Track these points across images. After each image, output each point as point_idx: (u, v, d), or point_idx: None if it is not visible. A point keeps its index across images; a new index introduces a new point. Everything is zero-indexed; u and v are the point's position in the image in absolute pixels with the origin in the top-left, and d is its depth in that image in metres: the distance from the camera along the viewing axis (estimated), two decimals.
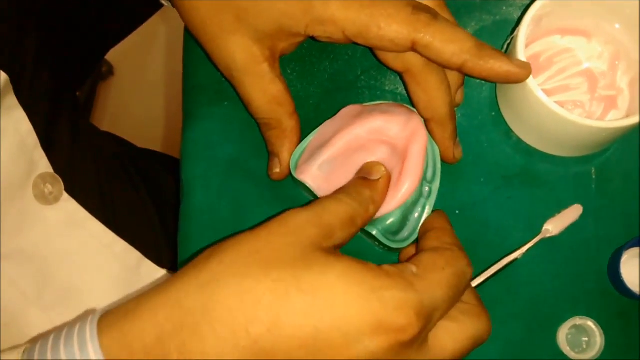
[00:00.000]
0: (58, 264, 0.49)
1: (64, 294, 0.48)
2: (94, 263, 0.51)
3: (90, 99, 1.41)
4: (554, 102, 0.40)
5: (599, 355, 0.43)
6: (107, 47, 0.71)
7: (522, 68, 0.39)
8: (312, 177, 0.42)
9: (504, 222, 0.45)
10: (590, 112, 0.45)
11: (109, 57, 1.40)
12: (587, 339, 0.44)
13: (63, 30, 0.56)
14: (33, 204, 0.48)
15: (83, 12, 0.59)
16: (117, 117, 1.46)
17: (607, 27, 0.44)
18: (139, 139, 0.76)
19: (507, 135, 0.47)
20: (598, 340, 0.43)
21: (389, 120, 0.42)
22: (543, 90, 0.40)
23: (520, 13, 0.48)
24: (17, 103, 0.47)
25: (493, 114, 0.47)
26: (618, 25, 0.44)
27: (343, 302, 0.30)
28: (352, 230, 0.36)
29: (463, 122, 0.47)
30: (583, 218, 0.44)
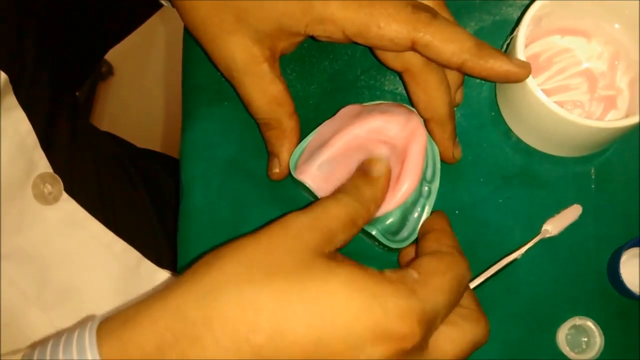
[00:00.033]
0: (58, 264, 0.49)
1: (64, 294, 0.48)
2: (94, 263, 0.51)
3: (90, 99, 1.41)
4: (554, 102, 0.40)
5: (599, 356, 0.43)
6: (106, 47, 0.71)
7: (521, 67, 0.39)
8: (311, 177, 0.42)
9: (504, 222, 0.45)
10: (590, 112, 0.45)
11: (109, 57, 1.40)
12: (586, 339, 0.44)
13: (63, 30, 0.56)
14: (32, 204, 0.48)
15: (83, 12, 0.59)
16: (116, 117, 1.47)
17: (606, 27, 0.44)
18: (139, 139, 0.76)
19: (506, 135, 0.47)
20: (597, 341, 0.43)
21: (389, 120, 0.42)
22: (542, 90, 0.40)
23: (520, 13, 0.48)
24: (16, 103, 0.47)
25: (492, 114, 0.47)
26: (618, 26, 0.44)
27: (345, 309, 0.30)
28: (353, 231, 0.35)
29: (462, 122, 0.47)
30: (583, 218, 0.44)
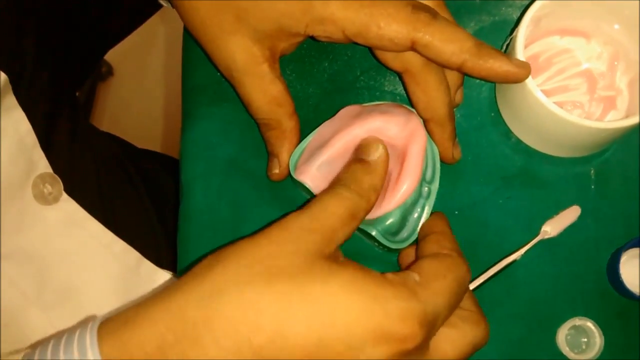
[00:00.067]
0: (57, 264, 0.49)
1: (64, 294, 0.48)
2: (94, 263, 0.51)
3: (90, 99, 1.41)
4: (553, 102, 0.40)
5: (599, 356, 0.43)
6: (106, 47, 0.71)
7: (521, 68, 0.39)
8: (311, 177, 0.42)
9: (503, 222, 0.45)
10: (590, 112, 0.45)
11: (109, 57, 1.40)
12: (586, 340, 0.44)
13: (63, 31, 0.56)
14: (32, 204, 0.48)
15: (82, 12, 0.59)
16: (116, 117, 1.47)
17: (606, 27, 0.44)
18: (139, 139, 0.76)
19: (506, 136, 0.47)
20: (597, 341, 0.43)
21: (388, 121, 0.42)
22: (542, 91, 0.40)
23: (520, 13, 0.48)
24: (16, 103, 0.47)
25: (492, 115, 0.47)
26: (617, 26, 0.44)
27: (346, 311, 0.30)
28: (354, 225, 0.35)
29: (462, 122, 0.47)
30: (582, 219, 0.44)
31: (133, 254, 0.53)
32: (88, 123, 0.65)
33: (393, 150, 0.42)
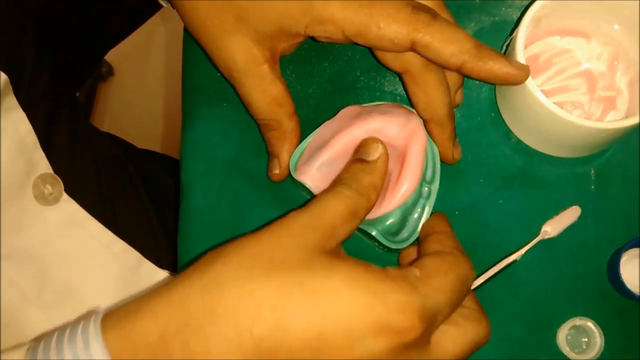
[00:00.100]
0: (58, 264, 0.49)
1: (64, 294, 0.48)
2: (94, 263, 0.51)
3: (90, 100, 1.41)
4: (553, 102, 0.40)
5: (599, 356, 0.43)
6: (106, 47, 0.71)
7: (520, 70, 0.39)
8: (311, 178, 0.42)
9: (503, 222, 0.45)
10: (590, 112, 0.45)
11: (109, 57, 1.40)
12: (586, 340, 0.44)
13: (63, 31, 0.56)
14: (33, 205, 0.48)
15: (83, 12, 0.59)
16: (116, 117, 1.47)
17: (606, 27, 0.44)
18: (139, 140, 0.76)
19: (506, 136, 0.47)
20: (598, 341, 0.43)
21: (388, 121, 0.42)
22: (542, 91, 0.40)
23: (520, 14, 0.48)
24: (16, 104, 0.47)
25: (492, 115, 0.47)
26: (617, 26, 0.44)
27: (346, 304, 0.30)
28: (355, 223, 0.35)
29: (462, 122, 0.47)
30: (583, 219, 0.44)
31: (133, 254, 0.53)
32: (88, 123, 0.65)
33: (393, 151, 0.42)
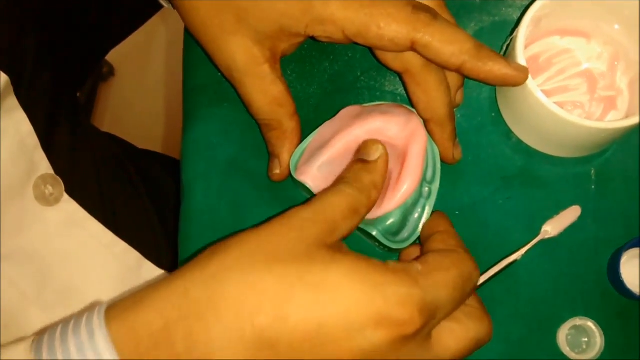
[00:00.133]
0: (58, 264, 0.49)
1: (64, 294, 0.48)
2: (94, 263, 0.51)
3: (91, 100, 1.41)
4: (554, 102, 0.40)
5: (599, 356, 0.43)
6: (107, 47, 0.71)
7: (519, 71, 0.39)
8: (311, 178, 0.42)
9: (504, 222, 0.45)
10: (590, 112, 0.45)
11: (110, 57, 1.40)
12: (587, 340, 0.44)
13: (63, 31, 0.56)
14: (33, 205, 0.48)
15: (83, 12, 0.59)
16: (117, 117, 1.47)
17: (606, 27, 0.44)
18: (139, 140, 0.76)
19: (506, 136, 0.47)
20: (598, 341, 0.43)
21: (388, 121, 0.42)
22: (542, 91, 0.40)
23: (520, 14, 0.48)
24: (17, 104, 0.47)
25: (493, 115, 0.47)
26: (617, 26, 0.44)
27: (346, 296, 0.31)
28: (356, 220, 0.36)
29: (463, 122, 0.47)
30: (583, 219, 0.44)
31: (133, 255, 0.53)
32: (89, 123, 0.65)
33: (393, 151, 0.42)
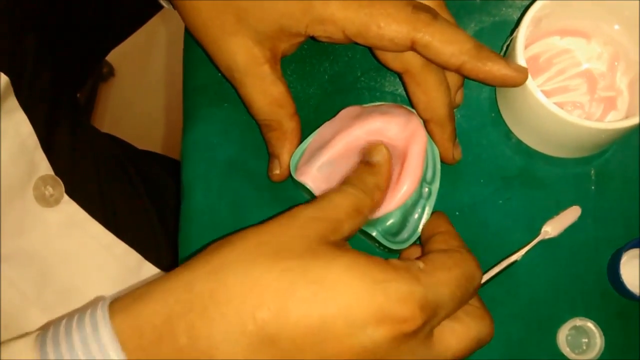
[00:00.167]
0: (58, 265, 0.49)
1: (64, 295, 0.48)
2: (94, 264, 0.51)
3: (91, 100, 1.41)
4: (553, 103, 0.40)
5: (599, 356, 0.43)
6: (107, 48, 0.71)
7: (518, 72, 0.39)
8: (312, 178, 0.42)
9: (504, 223, 0.45)
10: (590, 113, 0.45)
11: (110, 58, 1.40)
12: (587, 340, 0.44)
13: (63, 31, 0.56)
14: (33, 206, 0.48)
15: (83, 12, 0.59)
16: (117, 118, 1.47)
17: (606, 28, 0.44)
18: (140, 141, 0.76)
19: (506, 137, 0.47)
20: (598, 342, 0.43)
21: (388, 121, 0.42)
22: (542, 92, 0.40)
23: (520, 14, 0.48)
24: (17, 105, 0.47)
25: (493, 115, 0.47)
26: (617, 26, 0.44)
27: (348, 292, 0.31)
28: (359, 221, 0.36)
29: (463, 123, 0.47)
30: (583, 219, 0.44)
31: (133, 255, 0.53)
32: (89, 124, 0.65)
33: (393, 151, 0.42)
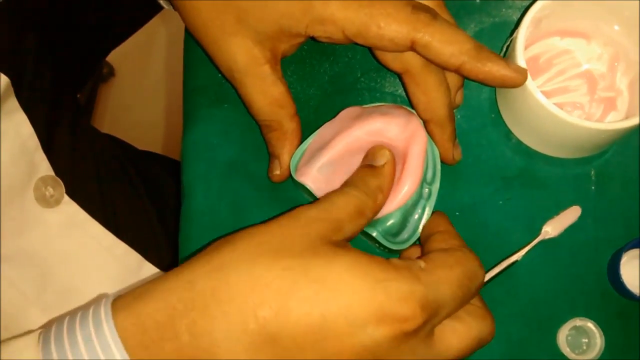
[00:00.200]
0: (58, 266, 0.49)
1: (64, 296, 0.49)
2: (94, 265, 0.51)
3: (91, 101, 1.41)
4: (553, 103, 0.40)
5: (599, 356, 0.43)
6: (107, 49, 0.71)
7: (518, 73, 0.39)
8: (312, 179, 0.42)
9: (504, 223, 0.45)
10: (590, 113, 0.45)
11: (110, 58, 1.40)
12: (587, 340, 0.44)
13: (63, 32, 0.56)
14: (34, 207, 0.48)
15: (83, 13, 0.59)
16: (117, 119, 1.47)
17: (606, 28, 0.44)
18: (140, 141, 0.76)
19: (506, 137, 0.47)
20: (598, 342, 0.43)
21: (389, 122, 0.42)
22: (542, 92, 0.40)
23: (520, 15, 0.48)
24: (18, 106, 0.47)
25: (493, 116, 0.47)
26: (617, 27, 0.44)
27: (349, 291, 0.31)
28: (361, 222, 0.36)
29: (463, 123, 0.47)
30: (583, 219, 0.44)
31: (134, 256, 0.53)
32: (89, 125, 0.65)
33: (394, 152, 0.42)
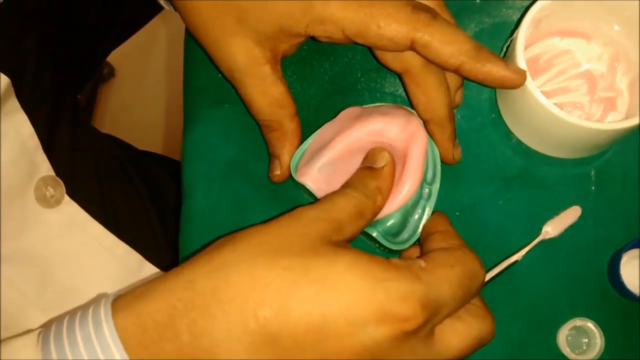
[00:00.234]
0: (58, 266, 0.49)
1: (64, 296, 0.49)
2: (95, 265, 0.51)
3: (91, 101, 1.41)
4: (553, 104, 0.40)
5: (599, 357, 0.43)
6: (108, 49, 0.71)
7: (517, 74, 0.39)
8: (312, 179, 0.42)
9: (504, 223, 0.45)
10: (590, 113, 0.45)
11: (110, 58, 1.40)
12: (587, 340, 0.44)
13: (64, 32, 0.56)
14: (34, 207, 0.48)
15: (84, 13, 0.59)
16: (118, 119, 1.47)
17: (606, 28, 0.44)
18: (140, 141, 0.76)
19: (506, 137, 0.47)
20: (598, 342, 0.43)
21: (389, 122, 0.42)
22: (542, 92, 0.40)
23: (520, 15, 0.48)
24: (18, 106, 0.47)
25: (493, 116, 0.47)
26: (617, 27, 0.44)
27: (350, 291, 0.31)
28: (361, 223, 0.36)
29: (463, 123, 0.47)
30: (583, 219, 0.44)
31: (134, 256, 0.53)
32: (89, 125, 0.66)
33: (394, 152, 0.42)
